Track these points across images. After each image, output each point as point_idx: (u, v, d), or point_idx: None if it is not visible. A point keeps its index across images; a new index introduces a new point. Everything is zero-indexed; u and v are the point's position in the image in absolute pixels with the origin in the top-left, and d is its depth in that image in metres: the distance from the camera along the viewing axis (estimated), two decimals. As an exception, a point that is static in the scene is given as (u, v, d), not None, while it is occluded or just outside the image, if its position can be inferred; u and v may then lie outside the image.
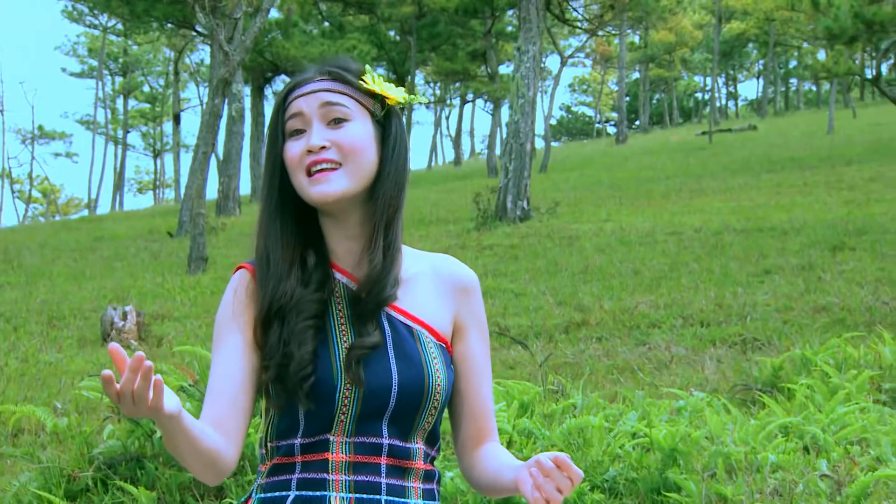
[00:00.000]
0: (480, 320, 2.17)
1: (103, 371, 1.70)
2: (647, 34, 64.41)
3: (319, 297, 2.04)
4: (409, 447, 2.03)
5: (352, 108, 2.07)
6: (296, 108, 2.06)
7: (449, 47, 43.46)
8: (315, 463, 1.99)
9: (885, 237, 12.16)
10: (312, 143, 2.02)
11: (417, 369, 2.02)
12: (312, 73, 2.10)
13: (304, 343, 1.98)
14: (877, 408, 4.96)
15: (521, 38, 18.20)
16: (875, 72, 28.16)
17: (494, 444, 2.15)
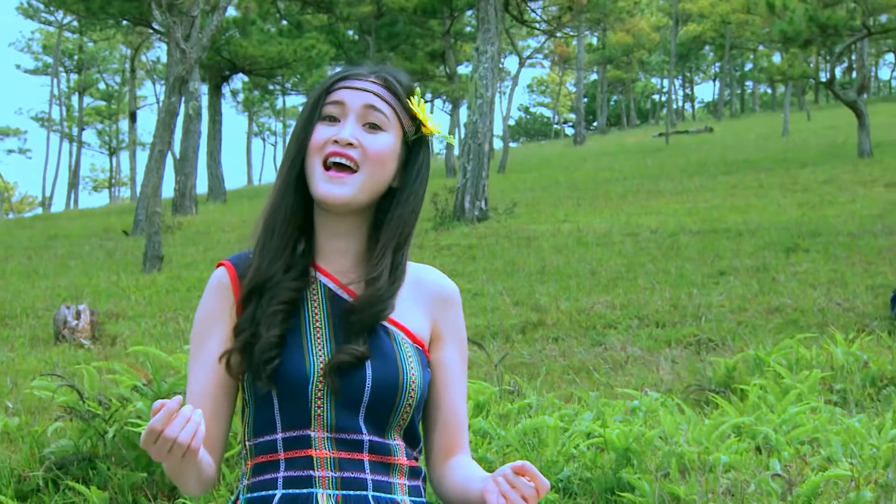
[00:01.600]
0: (459, 332, 2.17)
1: (155, 404, 1.72)
2: (605, 36, 64.70)
3: (296, 286, 2.03)
4: (388, 443, 2.03)
5: (391, 120, 2.06)
6: (339, 96, 2.06)
7: (408, 47, 43.41)
8: (299, 460, 1.98)
9: (838, 239, 12.29)
10: (343, 135, 2.02)
11: (392, 366, 2.02)
12: (366, 72, 2.10)
13: (273, 326, 1.98)
14: (828, 408, 5.01)
15: (479, 38, 18.22)
16: (829, 75, 28.46)
17: (465, 457, 2.15)
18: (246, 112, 79.83)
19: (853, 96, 27.29)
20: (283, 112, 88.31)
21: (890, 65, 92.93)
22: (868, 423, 4.66)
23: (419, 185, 2.12)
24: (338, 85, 2.08)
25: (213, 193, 32.37)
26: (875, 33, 29.61)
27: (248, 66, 34.50)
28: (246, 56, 33.18)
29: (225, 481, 3.99)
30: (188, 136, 26.56)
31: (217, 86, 34.95)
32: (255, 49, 33.01)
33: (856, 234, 12.58)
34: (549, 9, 34.05)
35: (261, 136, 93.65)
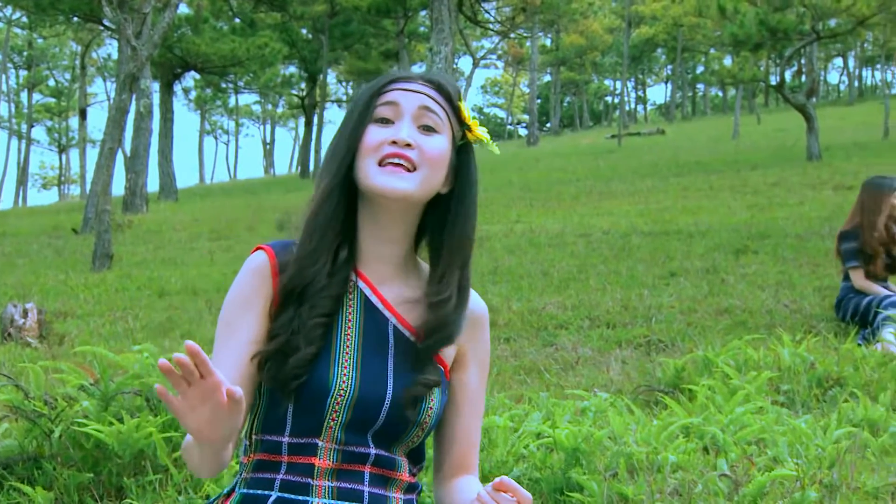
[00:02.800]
0: (484, 354, 2.16)
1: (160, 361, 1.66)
2: (559, 37, 64.97)
3: (337, 294, 2.01)
4: (394, 458, 2.03)
5: (444, 122, 2.05)
6: (393, 97, 2.03)
7: (361, 47, 43.37)
8: (301, 466, 1.97)
9: (787, 241, 12.42)
10: (401, 136, 1.99)
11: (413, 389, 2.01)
12: (416, 75, 2.09)
13: (312, 342, 1.96)
14: (775, 408, 5.06)
15: (433, 38, 18.23)
16: (779, 78, 28.78)
17: (473, 478, 2.15)
18: (198, 110, 79.31)
19: (802, 100, 27.59)
20: (235, 110, 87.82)
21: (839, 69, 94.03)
22: (814, 423, 4.71)
23: (471, 191, 2.10)
24: (390, 87, 2.05)
25: (164, 192, 32.13)
26: (824, 38, 29.96)
27: (201, 64, 34.28)
28: (198, 54, 32.97)
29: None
30: (139, 134, 26.34)
31: (169, 83, 34.69)
32: (207, 47, 32.80)
33: (804, 237, 12.72)
34: (503, 10, 34.14)
35: (213, 135, 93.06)
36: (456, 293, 2.05)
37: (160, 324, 8.83)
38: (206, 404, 1.71)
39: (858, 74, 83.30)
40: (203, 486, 3.76)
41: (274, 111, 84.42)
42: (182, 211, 24.67)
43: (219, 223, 19.78)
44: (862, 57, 77.30)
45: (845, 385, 5.57)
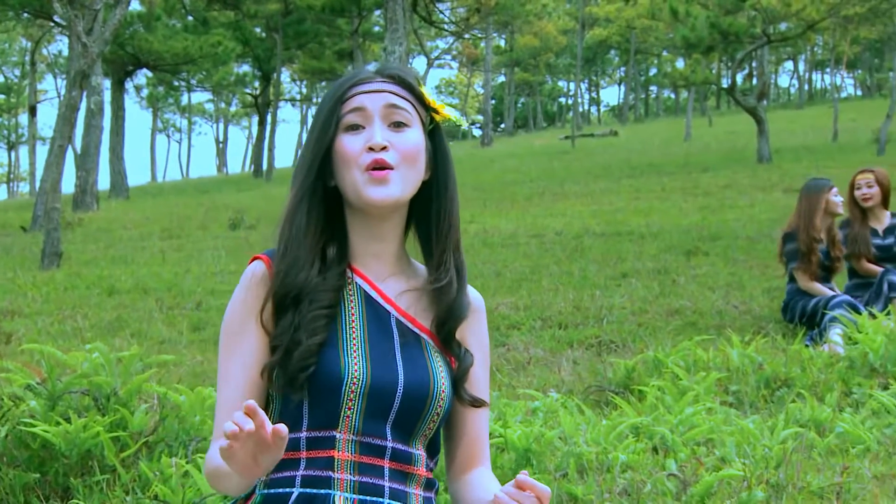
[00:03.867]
0: (483, 343, 2.18)
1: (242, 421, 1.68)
2: (513, 38, 65.14)
3: (336, 287, 2.02)
4: (411, 452, 2.02)
5: (412, 114, 2.06)
6: (358, 102, 2.04)
7: (315, 46, 43.23)
8: (320, 460, 1.97)
9: (737, 243, 12.53)
10: (376, 140, 2.00)
11: (423, 373, 2.03)
12: (373, 73, 2.09)
13: (315, 333, 1.97)
14: (723, 409, 5.11)
15: (387, 38, 18.22)
16: (730, 81, 29.03)
17: (484, 470, 2.15)
18: (150, 108, 78.70)
19: (753, 102, 27.86)
20: (188, 108, 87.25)
21: (789, 72, 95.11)
22: (761, 423, 4.75)
23: (449, 172, 2.12)
24: (351, 92, 2.06)
25: (115, 190, 31.85)
26: (774, 41, 30.27)
27: (153, 62, 34.02)
28: (150, 51, 32.71)
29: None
30: (90, 132, 26.09)
31: (120, 81, 34.40)
32: (159, 44, 32.56)
33: (754, 238, 12.84)
34: (458, 10, 34.17)
35: (165, 133, 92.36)
36: (455, 276, 2.08)
37: (110, 322, 8.76)
38: (251, 441, 1.73)
39: (808, 78, 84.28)
40: (151, 487, 3.73)
41: (227, 110, 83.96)
42: (133, 209, 24.46)
43: (170, 222, 19.63)
44: (812, 61, 78.22)
45: (793, 386, 5.63)
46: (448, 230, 2.08)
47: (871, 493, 3.97)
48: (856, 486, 4.01)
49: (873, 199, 7.89)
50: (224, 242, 15.29)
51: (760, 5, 26.58)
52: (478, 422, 2.14)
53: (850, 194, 7.94)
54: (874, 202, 7.90)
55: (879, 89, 65.31)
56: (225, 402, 2.03)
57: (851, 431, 4.65)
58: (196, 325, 8.62)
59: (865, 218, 7.92)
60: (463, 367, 2.08)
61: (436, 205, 2.09)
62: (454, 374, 2.08)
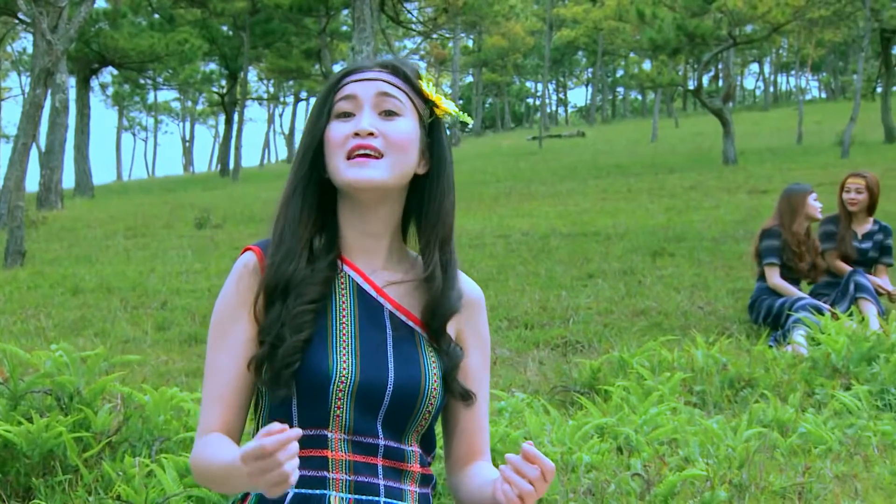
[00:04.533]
0: (482, 337, 2.17)
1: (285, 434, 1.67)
2: (481, 39, 65.20)
3: (325, 280, 2.00)
4: (403, 449, 2.01)
5: (405, 104, 2.04)
6: (350, 90, 2.03)
7: (283, 45, 43.09)
8: (314, 460, 1.95)
9: (702, 244, 12.59)
10: (362, 126, 1.99)
11: (415, 369, 2.01)
12: (370, 63, 2.08)
13: (300, 329, 1.95)
14: (687, 409, 5.14)
15: (355, 37, 18.19)
16: (696, 83, 29.18)
17: (485, 462, 2.15)
18: (116, 106, 78.17)
19: (719, 104, 28.03)
20: (154, 107, 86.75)
21: (755, 74, 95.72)
22: (725, 424, 4.79)
23: (445, 168, 2.11)
24: (345, 80, 2.05)
25: (79, 188, 31.64)
26: (740, 43, 30.47)
27: (119, 60, 33.81)
28: (116, 49, 32.50)
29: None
30: (54, 130, 25.90)
31: (86, 78, 34.17)
32: (125, 42, 32.35)
33: (719, 239, 12.91)
34: (425, 10, 34.17)
35: (131, 131, 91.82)
36: (440, 271, 2.06)
37: (73, 322, 8.69)
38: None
39: (774, 80, 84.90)
40: (114, 487, 3.71)
41: (193, 108, 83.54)
42: (98, 208, 24.30)
43: (135, 220, 19.52)
44: (777, 63, 78.77)
45: (756, 386, 5.67)
46: (434, 223, 2.07)
47: (832, 493, 4.00)
48: (817, 486, 4.05)
49: (859, 205, 7.99)
50: (190, 241, 15.21)
51: (726, 7, 26.74)
52: (475, 415, 2.13)
53: (840, 195, 8.05)
54: (859, 208, 8.00)
55: (843, 92, 65.87)
56: (212, 393, 2.02)
57: (814, 432, 4.69)
58: (161, 325, 8.58)
59: (850, 219, 8.03)
60: (452, 361, 2.06)
61: (427, 198, 2.08)
62: (444, 371, 2.07)
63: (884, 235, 8.04)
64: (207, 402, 2.02)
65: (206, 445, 1.98)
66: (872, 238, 8.02)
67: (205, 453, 1.96)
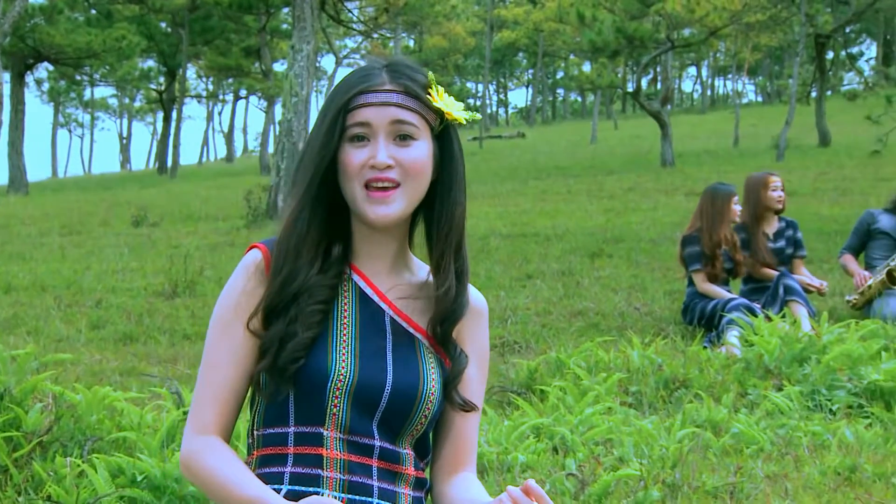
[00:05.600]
0: (482, 347, 2.17)
1: None
2: (422, 39, 65.19)
3: (333, 284, 2.01)
4: (398, 451, 2.01)
5: (419, 126, 2.02)
6: (364, 116, 1.99)
7: (222, 42, 42.79)
8: (309, 457, 1.96)
9: (640, 245, 12.70)
10: (379, 159, 1.97)
11: (413, 374, 2.01)
12: (381, 80, 2.02)
13: (311, 327, 1.96)
14: (623, 409, 5.18)
15: (295, 36, 18.10)
16: (635, 85, 29.39)
17: (470, 475, 2.14)
18: (52, 102, 77.11)
19: (657, 107, 28.27)
20: (91, 103, 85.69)
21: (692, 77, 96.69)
22: (659, 424, 4.83)
23: (456, 175, 2.08)
24: (357, 101, 2.01)
25: (13, 185, 31.17)
26: (678, 47, 30.78)
27: (55, 55, 33.37)
28: (52, 45, 32.07)
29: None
30: (-12, 125, 25.48)
31: (20, 74, 33.67)
32: (61, 38, 31.93)
33: (656, 241, 13.03)
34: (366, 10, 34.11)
35: (67, 128, 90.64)
36: (455, 280, 2.07)
37: (5, 320, 8.57)
38: None
39: (711, 84, 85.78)
40: (44, 487, 3.67)
41: (131, 105, 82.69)
42: (32, 205, 23.95)
43: (71, 218, 19.27)
44: (715, 66, 79.60)
45: (691, 387, 5.73)
46: (448, 232, 2.06)
47: (762, 492, 4.05)
48: (749, 485, 4.10)
49: (784, 203, 8.09)
50: (127, 240, 15.05)
51: (665, 11, 26.98)
52: (467, 425, 2.13)
53: (761, 196, 8.02)
54: (783, 206, 8.09)
55: (779, 96, 66.73)
56: (210, 389, 2.02)
57: (746, 432, 4.75)
58: (95, 324, 8.48)
59: (759, 222, 8.09)
60: (457, 368, 2.07)
61: (438, 206, 2.07)
62: (446, 376, 2.07)
63: (793, 230, 8.16)
64: (204, 398, 2.02)
65: (215, 455, 1.99)
66: (784, 235, 8.13)
67: (214, 464, 1.98)
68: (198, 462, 1.99)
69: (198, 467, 1.99)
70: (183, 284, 9.95)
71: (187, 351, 7.49)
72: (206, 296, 9.78)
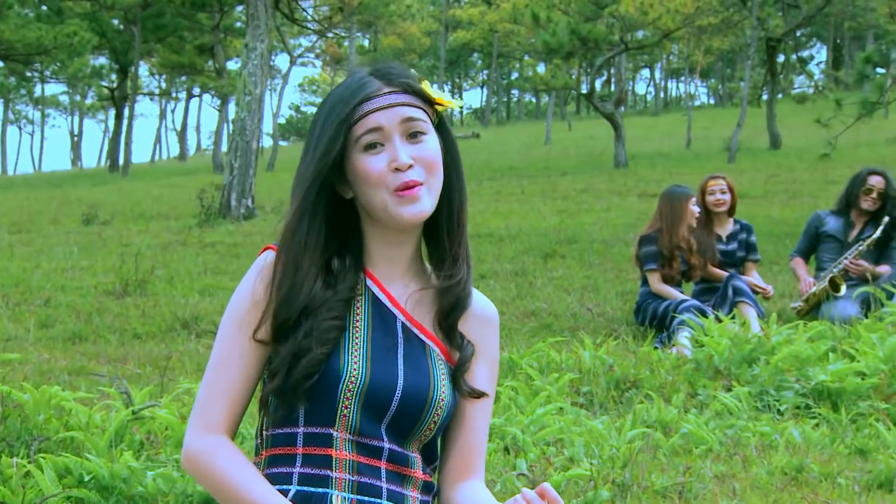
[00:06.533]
0: (492, 355, 2.15)
1: None
2: (377, 38, 65.13)
3: (349, 297, 2.00)
4: (407, 454, 2.01)
5: (426, 120, 2.03)
6: (374, 122, 1.98)
7: (175, 40, 42.45)
8: (318, 458, 1.95)
9: (593, 246, 12.76)
10: (402, 161, 1.97)
11: (424, 378, 2.01)
12: (378, 86, 2.01)
13: (325, 343, 1.95)
14: (574, 410, 5.20)
15: (249, 34, 18.01)
16: (589, 87, 29.54)
17: (479, 482, 2.13)
18: (1, 99, 76.22)
19: (611, 109, 28.43)
20: (41, 100, 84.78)
21: (646, 80, 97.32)
22: (610, 424, 4.86)
23: (458, 163, 2.11)
24: (363, 110, 1.99)
25: (-38, 182, 30.74)
26: (632, 49, 30.97)
27: (4, 52, 32.95)
28: (1, 41, 31.66)
29: None
30: (-64, 122, 25.15)
31: (-31, 70, 33.22)
32: (11, 34, 31.55)
33: (609, 242, 13.10)
34: (321, 9, 34.01)
35: (17, 125, 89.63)
36: (464, 266, 2.10)
37: (-48, 320, 8.46)
38: None
39: (664, 86, 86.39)
40: (-9, 491, 3.62)
41: (82, 102, 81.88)
42: (-19, 203, 23.66)
43: (20, 215, 19.07)
44: (668, 69, 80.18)
45: (641, 387, 5.76)
46: (459, 224, 2.09)
47: (711, 492, 4.09)
48: (697, 485, 4.13)
49: (725, 206, 8.14)
50: (77, 238, 14.91)
51: (618, 13, 27.15)
52: (476, 432, 2.13)
53: (702, 200, 8.13)
54: (725, 208, 8.15)
55: (731, 98, 67.32)
56: (219, 386, 2.01)
57: (695, 432, 4.79)
58: (44, 322, 8.39)
59: (710, 224, 8.16)
60: (463, 356, 2.07)
61: (447, 199, 2.08)
62: (454, 367, 2.07)
63: (747, 234, 8.25)
64: (212, 395, 2.01)
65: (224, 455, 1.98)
66: (737, 238, 8.22)
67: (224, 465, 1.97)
68: (207, 462, 1.98)
69: (207, 467, 1.98)
70: (134, 283, 9.87)
71: (137, 350, 7.43)
72: (156, 295, 9.71)
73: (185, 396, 4.98)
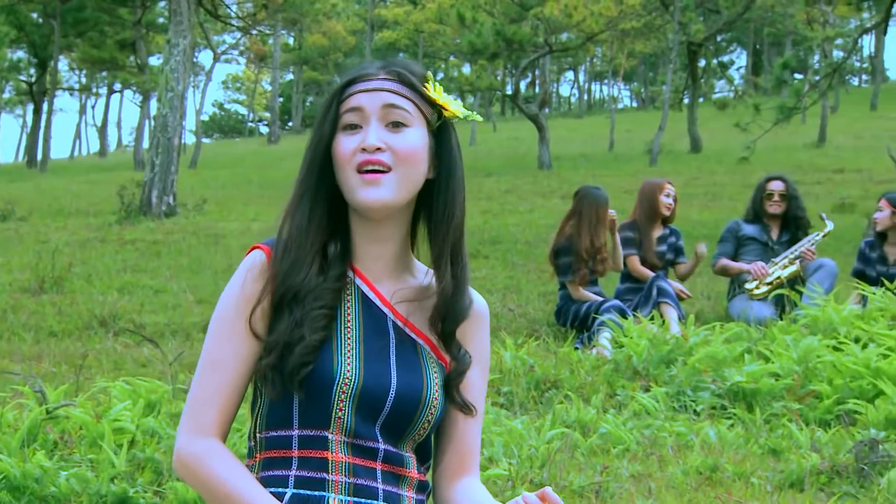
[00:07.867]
0: (482, 352, 2.14)
1: None
2: (302, 36, 64.82)
3: (337, 288, 1.99)
4: (402, 454, 2.00)
5: (413, 113, 2.00)
6: (356, 102, 1.98)
7: (96, 34, 41.83)
8: (313, 461, 1.93)
9: (516, 247, 12.83)
10: (369, 142, 1.95)
11: (417, 378, 2.00)
12: (375, 70, 2.01)
13: (317, 331, 1.94)
14: (494, 410, 5.22)
15: (171, 30, 17.82)
16: (514, 88, 29.72)
17: (473, 479, 2.13)
18: (-85, 91, 74.42)
19: (535, 110, 28.60)
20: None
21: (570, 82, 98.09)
22: (529, 424, 4.89)
23: (455, 172, 2.06)
24: (350, 90, 2.01)
25: None
26: (556, 51, 31.18)
27: (-81, 43, 32.20)
28: (-84, 32, 30.94)
29: None
30: None
31: None
32: (-74, 25, 30.83)
33: (532, 243, 13.18)
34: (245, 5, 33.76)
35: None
36: (451, 278, 2.04)
37: None
38: None
39: (588, 88, 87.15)
40: None
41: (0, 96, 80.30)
42: None
43: (-66, 212, 18.65)
44: (591, 71, 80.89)
45: (561, 387, 5.81)
46: (446, 231, 2.04)
47: (627, 491, 4.14)
48: (614, 485, 4.18)
49: (672, 212, 8.31)
50: (-8, 235, 14.63)
51: (543, 15, 27.32)
52: (469, 430, 2.12)
53: (657, 199, 8.25)
54: (670, 213, 8.31)
55: (653, 102, 68.11)
56: (210, 389, 1.98)
57: (613, 432, 4.84)
58: (-43, 322, 8.22)
59: (650, 225, 8.29)
60: (460, 367, 2.05)
61: (437, 204, 2.05)
62: (448, 375, 2.06)
63: (676, 238, 8.42)
64: (203, 398, 1.99)
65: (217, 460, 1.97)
66: (666, 241, 8.37)
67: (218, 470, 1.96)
68: (200, 466, 1.97)
69: (199, 471, 1.97)
70: (50, 280, 9.71)
71: (53, 348, 7.31)
72: (74, 292, 9.57)
73: (100, 395, 4.91)
